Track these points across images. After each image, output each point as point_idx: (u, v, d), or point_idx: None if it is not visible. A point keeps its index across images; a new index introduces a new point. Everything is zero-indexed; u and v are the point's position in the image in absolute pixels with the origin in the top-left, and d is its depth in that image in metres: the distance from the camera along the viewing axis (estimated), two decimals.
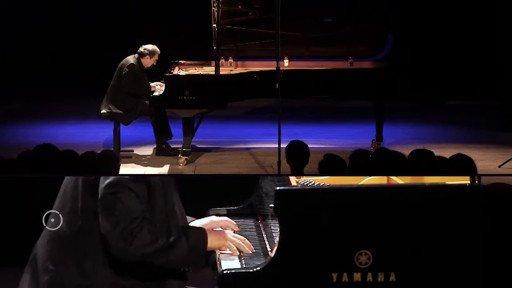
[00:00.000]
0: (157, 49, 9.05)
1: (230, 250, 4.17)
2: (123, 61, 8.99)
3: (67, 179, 4.12)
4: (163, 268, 3.97)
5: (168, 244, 3.92)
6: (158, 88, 8.88)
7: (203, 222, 4.46)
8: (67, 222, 4.01)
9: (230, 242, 4.17)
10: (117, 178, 3.93)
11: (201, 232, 4.10)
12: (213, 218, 4.50)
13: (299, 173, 5.56)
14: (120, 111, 8.85)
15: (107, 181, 3.92)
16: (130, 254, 3.87)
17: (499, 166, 8.44)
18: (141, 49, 9.01)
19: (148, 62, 9.00)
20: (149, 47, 9.02)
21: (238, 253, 4.16)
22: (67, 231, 4.00)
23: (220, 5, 8.74)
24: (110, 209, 3.88)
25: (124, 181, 3.91)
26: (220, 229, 4.39)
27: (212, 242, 4.10)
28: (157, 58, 9.04)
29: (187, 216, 4.36)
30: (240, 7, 9.25)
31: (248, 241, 4.26)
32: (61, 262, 3.96)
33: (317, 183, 4.54)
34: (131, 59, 8.96)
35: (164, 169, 8.53)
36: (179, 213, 4.16)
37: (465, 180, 4.17)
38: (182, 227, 4.06)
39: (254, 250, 4.23)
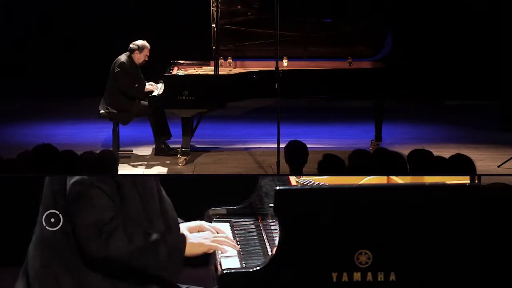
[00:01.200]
0: (147, 44, 9.01)
1: (218, 249, 4.14)
2: (114, 61, 8.97)
3: (47, 180, 4.08)
4: (139, 272, 3.92)
5: (145, 246, 3.89)
6: (154, 87, 8.87)
7: (191, 225, 4.40)
8: (50, 224, 3.98)
9: (212, 244, 4.14)
10: (83, 178, 3.89)
11: (181, 238, 4.06)
12: (203, 223, 4.40)
13: (298, 173, 5.56)
14: (118, 112, 8.84)
15: (74, 180, 3.89)
16: (104, 255, 3.84)
17: (498, 166, 8.44)
18: (131, 45, 9.00)
19: (138, 57, 8.97)
20: (138, 42, 9.00)
21: (226, 250, 4.15)
22: (51, 233, 3.97)
23: (219, 5, 8.74)
24: (80, 208, 3.86)
25: (91, 180, 3.88)
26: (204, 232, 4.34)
27: (192, 249, 4.06)
28: (147, 53, 9.00)
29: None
30: (239, 7, 9.24)
31: (231, 238, 4.23)
32: (50, 265, 3.95)
33: (317, 183, 4.54)
34: (122, 57, 8.94)
35: (163, 169, 8.52)
36: (166, 211, 4.13)
37: (464, 180, 4.17)
38: (161, 231, 4.00)
39: (238, 248, 4.23)
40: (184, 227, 4.35)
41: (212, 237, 4.18)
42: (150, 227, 3.99)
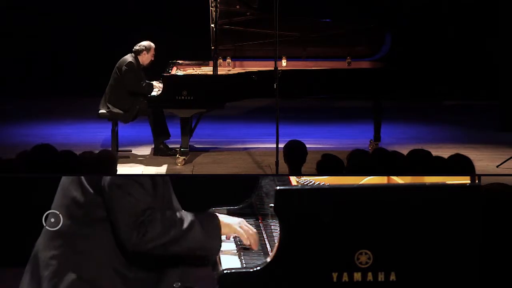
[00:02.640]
0: (152, 44, 9.06)
1: (241, 238, 4.18)
2: (120, 61, 8.99)
3: (65, 177, 4.15)
4: (181, 256, 4.02)
5: (182, 232, 3.96)
6: (160, 87, 8.89)
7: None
8: (68, 218, 4.05)
9: (240, 230, 4.17)
10: (124, 176, 3.99)
11: (214, 218, 4.13)
12: (243, 221, 4.37)
13: (296, 172, 5.56)
14: (119, 111, 8.85)
15: (114, 178, 3.98)
16: (145, 247, 3.91)
17: (497, 166, 8.44)
18: (136, 47, 9.01)
19: (146, 58, 9.00)
20: (144, 43, 9.03)
21: (249, 242, 4.18)
22: (68, 227, 4.04)
23: (218, 5, 8.74)
24: (119, 203, 3.93)
25: (131, 178, 3.97)
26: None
27: (224, 228, 4.12)
28: (154, 53, 9.04)
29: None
30: (238, 7, 9.24)
31: (257, 237, 4.25)
32: (61, 257, 4.00)
33: (317, 183, 4.54)
34: (128, 57, 8.96)
35: (162, 169, 8.52)
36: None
37: (464, 180, 4.17)
38: (194, 215, 4.08)
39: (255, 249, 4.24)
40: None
41: (243, 224, 4.21)
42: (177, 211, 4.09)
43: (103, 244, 3.99)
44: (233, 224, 4.16)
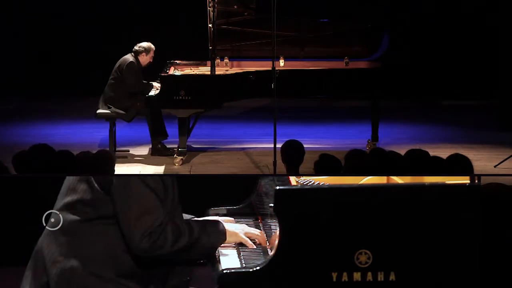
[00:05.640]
0: (152, 46, 9.08)
1: (247, 245, 4.23)
2: (120, 60, 9.00)
3: (71, 176, 4.17)
4: (183, 262, 4.12)
5: (191, 242, 4.03)
6: (158, 87, 8.89)
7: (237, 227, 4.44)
8: (75, 216, 4.06)
9: (244, 237, 4.24)
10: (134, 178, 4.00)
11: (219, 227, 4.19)
12: (245, 227, 4.41)
13: (294, 172, 5.55)
14: (120, 110, 8.85)
15: (124, 179, 3.99)
16: (152, 252, 3.96)
17: (495, 166, 8.45)
18: (136, 47, 9.03)
19: (145, 59, 9.03)
20: (144, 44, 9.05)
21: (254, 246, 4.23)
22: (75, 224, 4.05)
23: (216, 5, 8.74)
24: (131, 208, 3.95)
25: (142, 180, 3.98)
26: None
27: (230, 237, 4.20)
28: (153, 55, 9.07)
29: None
30: (235, 7, 9.24)
31: (264, 235, 4.31)
32: (68, 253, 4.02)
33: (317, 183, 4.54)
34: (129, 57, 8.98)
35: (160, 169, 8.52)
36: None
37: (461, 180, 4.17)
38: (201, 223, 4.16)
39: (258, 248, 4.26)
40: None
41: (245, 230, 4.28)
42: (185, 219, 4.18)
43: (111, 240, 4.01)
44: (239, 233, 4.23)
